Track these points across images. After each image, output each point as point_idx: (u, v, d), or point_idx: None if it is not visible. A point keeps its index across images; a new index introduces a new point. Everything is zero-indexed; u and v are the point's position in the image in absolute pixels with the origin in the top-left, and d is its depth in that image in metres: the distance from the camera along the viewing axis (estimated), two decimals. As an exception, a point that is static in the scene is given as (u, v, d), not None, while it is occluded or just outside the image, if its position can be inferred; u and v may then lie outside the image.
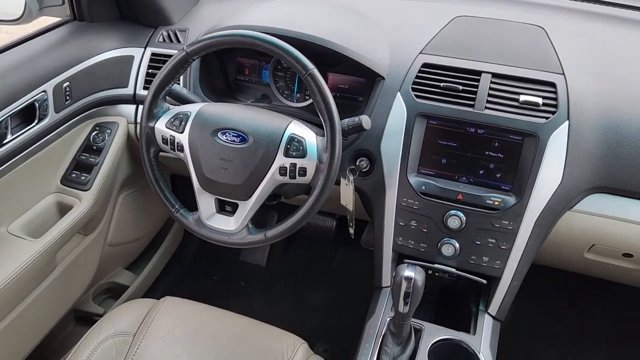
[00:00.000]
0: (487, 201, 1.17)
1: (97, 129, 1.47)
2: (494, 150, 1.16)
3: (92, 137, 1.46)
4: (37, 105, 1.27)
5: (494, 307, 1.25)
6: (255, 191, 1.09)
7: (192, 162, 1.12)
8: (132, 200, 1.68)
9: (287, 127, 1.08)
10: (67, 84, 1.34)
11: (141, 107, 1.34)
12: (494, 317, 1.25)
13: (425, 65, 1.22)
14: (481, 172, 1.18)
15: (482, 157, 1.17)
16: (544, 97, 1.14)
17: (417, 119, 1.19)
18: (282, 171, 1.07)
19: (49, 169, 1.39)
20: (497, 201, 1.16)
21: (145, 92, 1.40)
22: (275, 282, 2.10)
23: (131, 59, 1.47)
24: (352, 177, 1.22)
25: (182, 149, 1.13)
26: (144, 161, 1.17)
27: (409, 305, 1.03)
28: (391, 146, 1.21)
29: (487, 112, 1.15)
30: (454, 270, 1.24)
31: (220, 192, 1.12)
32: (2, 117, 1.18)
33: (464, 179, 1.20)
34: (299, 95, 1.39)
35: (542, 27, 1.29)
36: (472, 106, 1.16)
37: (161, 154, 1.18)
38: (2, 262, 1.20)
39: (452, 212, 1.18)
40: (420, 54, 1.25)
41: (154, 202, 1.79)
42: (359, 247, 2.01)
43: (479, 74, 1.19)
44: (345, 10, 1.44)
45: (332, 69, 1.34)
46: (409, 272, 1.02)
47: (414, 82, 1.21)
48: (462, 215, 1.18)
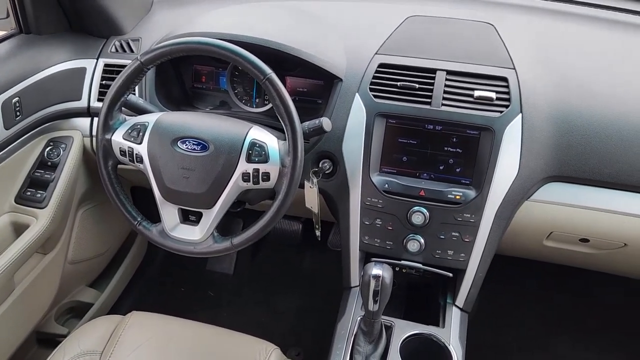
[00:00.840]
0: (449, 196, 1.19)
1: (51, 144, 1.43)
2: (453, 145, 1.19)
3: (46, 152, 1.41)
4: (-15, 123, 1.22)
5: (461, 299, 1.27)
6: (219, 199, 1.08)
7: (152, 173, 1.10)
8: (91, 215, 1.64)
9: (248, 132, 1.08)
10: (17, 99, 1.29)
11: (96, 119, 1.31)
12: (461, 309, 1.27)
13: (381, 65, 1.24)
14: (441, 167, 1.21)
15: (442, 153, 1.20)
16: (497, 92, 1.18)
17: (376, 119, 1.20)
18: (245, 177, 1.06)
19: (2, 188, 1.34)
20: (458, 195, 1.19)
21: (99, 104, 1.37)
22: (244, 290, 2.08)
23: (83, 71, 1.43)
24: (315, 180, 1.23)
25: (141, 160, 1.11)
26: (102, 175, 1.14)
27: (378, 303, 1.04)
28: (352, 147, 1.22)
29: (444, 108, 1.18)
30: (421, 265, 1.26)
31: (183, 202, 1.11)
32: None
33: (425, 175, 1.22)
34: (258, 100, 1.39)
35: (491, 24, 1.33)
36: (429, 104, 1.18)
37: (120, 166, 1.16)
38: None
39: (416, 208, 1.20)
40: (376, 54, 1.26)
41: (114, 216, 1.74)
42: (326, 249, 2.01)
43: (434, 72, 1.21)
44: (299, 13, 1.44)
45: (289, 73, 1.34)
46: (376, 271, 1.03)
47: (372, 83, 1.23)
48: (426, 211, 1.20)
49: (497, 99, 1.17)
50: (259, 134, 1.09)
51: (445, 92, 1.19)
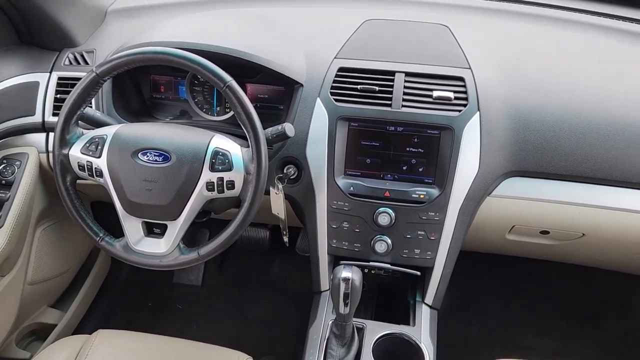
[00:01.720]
0: (413, 195, 1.21)
1: (5, 161, 1.38)
2: (414, 145, 1.21)
3: (-1, 171, 1.37)
4: None
5: (430, 297, 1.29)
6: (183, 210, 1.07)
7: (113, 186, 1.08)
8: (51, 233, 1.59)
9: (210, 141, 1.07)
10: (-34, 117, 1.24)
11: (52, 134, 1.27)
12: (430, 307, 1.29)
13: (341, 69, 1.25)
14: (404, 168, 1.22)
15: (404, 154, 1.21)
16: (455, 92, 1.20)
17: (338, 122, 1.21)
18: (210, 186, 1.05)
19: (-46, 210, 1.29)
20: (422, 194, 1.21)
21: (55, 119, 1.33)
22: (213, 300, 2.06)
23: (36, 85, 1.39)
24: (281, 186, 1.22)
25: (101, 174, 1.08)
26: (61, 191, 1.11)
27: (349, 305, 1.05)
28: (316, 151, 1.23)
29: (404, 110, 1.19)
30: (389, 265, 1.27)
31: (146, 215, 1.09)
32: None
33: (389, 176, 1.23)
34: (219, 108, 1.38)
35: (446, 26, 1.36)
36: (390, 105, 1.20)
37: (79, 181, 1.13)
38: None
39: (382, 209, 1.22)
40: (335, 58, 1.27)
41: (75, 233, 1.70)
42: (295, 255, 2.01)
43: (392, 74, 1.23)
44: (256, 20, 1.44)
45: (249, 80, 1.34)
46: (346, 273, 1.04)
47: (332, 87, 1.23)
48: (391, 211, 1.21)
49: (455, 98, 1.20)
50: (221, 142, 1.08)
51: (404, 93, 1.21)
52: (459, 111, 1.19)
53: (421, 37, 1.34)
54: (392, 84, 1.22)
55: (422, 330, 1.22)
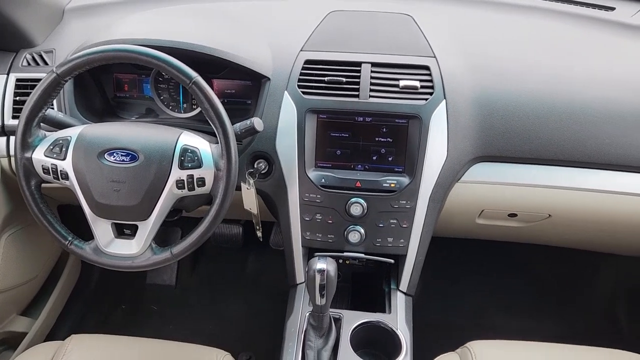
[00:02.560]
0: (384, 184, 1.22)
1: (-36, 168, 1.33)
2: (383, 135, 1.22)
3: (-41, 178, 1.32)
4: None
5: (404, 284, 1.31)
6: (154, 209, 1.05)
7: (80, 189, 1.06)
8: (17, 239, 1.55)
9: (178, 138, 1.05)
10: None
11: (13, 138, 1.23)
12: (405, 294, 1.31)
13: (307, 62, 1.25)
14: (374, 157, 1.23)
15: (373, 144, 1.22)
16: (421, 80, 1.21)
17: (307, 115, 1.21)
18: (180, 184, 1.04)
19: None
20: (393, 183, 1.22)
21: (15, 122, 1.29)
22: (189, 299, 2.04)
23: (-7, 87, 1.35)
24: (252, 181, 1.22)
25: (66, 177, 1.06)
26: (25, 195, 1.08)
27: (325, 296, 1.06)
28: (286, 144, 1.23)
29: (372, 100, 1.20)
30: (363, 255, 1.29)
31: (116, 216, 1.07)
32: None
33: (360, 166, 1.24)
34: (185, 105, 1.36)
35: (410, 16, 1.37)
36: (357, 96, 1.21)
37: (44, 185, 1.10)
38: None
39: (353, 199, 1.22)
40: (301, 51, 1.27)
41: (43, 238, 1.65)
42: (269, 249, 2.01)
43: (359, 64, 1.24)
44: (221, 15, 1.42)
45: (216, 76, 1.33)
46: (321, 265, 1.04)
47: (299, 80, 1.23)
48: (363, 201, 1.22)
49: (422, 87, 1.21)
50: (189, 139, 1.07)
51: (371, 83, 1.22)
52: (426, 99, 1.20)
53: (386, 27, 1.34)
54: (358, 74, 1.23)
55: (397, 317, 1.24)
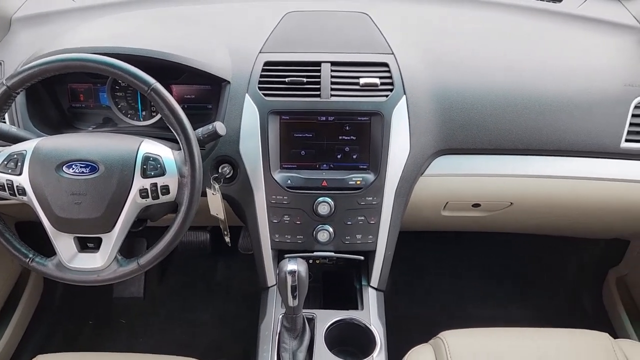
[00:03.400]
0: (350, 182, 1.23)
1: None
2: (346, 133, 1.22)
3: None
4: None
5: (375, 280, 1.32)
6: (117, 220, 1.03)
7: (38, 204, 1.02)
8: (-27, 260, 1.49)
9: (139, 147, 1.03)
10: None
11: (-37, 155, 1.18)
12: (376, 289, 1.32)
13: (267, 63, 1.24)
14: (339, 156, 1.24)
15: (337, 142, 1.23)
16: (380, 77, 1.23)
17: (270, 117, 1.21)
18: (143, 193, 1.02)
19: None
20: (359, 180, 1.23)
21: (-36, 138, 1.24)
22: (158, 310, 2.00)
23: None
24: (217, 186, 1.21)
25: (24, 193, 1.02)
26: (-20, 214, 1.04)
27: (297, 297, 1.06)
28: (250, 147, 1.22)
29: (333, 99, 1.21)
30: (333, 253, 1.29)
31: (78, 230, 1.04)
32: None
33: (325, 166, 1.25)
34: (144, 113, 1.34)
35: (366, 14, 1.38)
36: (319, 96, 1.21)
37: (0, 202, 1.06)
38: None
39: (320, 199, 1.23)
40: (260, 53, 1.27)
41: (2, 256, 1.59)
42: (238, 254, 1.99)
43: (319, 64, 1.24)
44: (175, 19, 1.41)
45: (174, 81, 1.30)
46: (291, 266, 1.04)
47: (260, 82, 1.23)
48: (330, 200, 1.23)
49: (382, 84, 1.22)
50: (151, 147, 1.05)
51: (332, 82, 1.22)
52: (386, 96, 1.21)
53: (343, 26, 1.35)
54: (319, 74, 1.23)
55: (370, 313, 1.25)
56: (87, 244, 1.06)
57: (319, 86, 1.22)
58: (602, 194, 1.35)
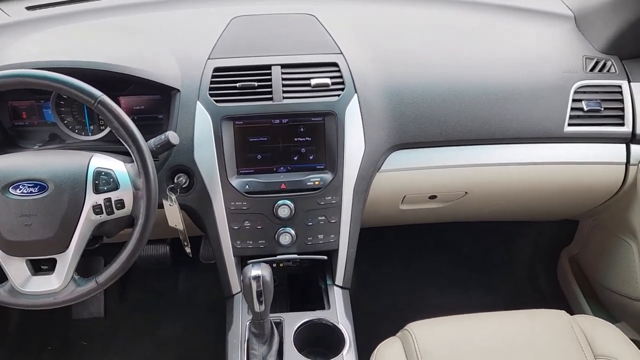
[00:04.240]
0: (308, 183, 1.23)
1: None
2: (301, 135, 1.23)
3: None
4: None
5: (340, 278, 1.33)
6: (71, 239, 1.00)
7: (-16, 228, 0.98)
8: None
9: (89, 162, 1.01)
10: None
11: None
12: (342, 287, 1.33)
13: (216, 69, 1.23)
14: (295, 158, 1.24)
15: (293, 144, 1.23)
16: (331, 77, 1.24)
17: (223, 123, 1.20)
18: (97, 209, 0.99)
19: None
20: (317, 181, 1.23)
21: None
22: (121, 328, 1.95)
23: None
24: (174, 196, 1.19)
25: (-33, 218, 0.98)
26: None
27: (263, 303, 1.05)
28: (205, 155, 1.20)
29: (286, 101, 1.21)
30: (296, 255, 1.29)
31: (30, 252, 1.00)
32: None
33: (282, 168, 1.25)
34: (92, 127, 1.30)
35: (312, 15, 1.39)
36: (271, 99, 1.21)
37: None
38: None
39: (280, 202, 1.23)
40: (208, 59, 1.25)
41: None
42: (200, 264, 1.96)
43: (269, 67, 1.24)
44: (118, 29, 1.37)
45: (122, 93, 1.27)
46: (255, 272, 1.04)
47: (210, 88, 1.21)
48: (290, 202, 1.23)
49: (333, 84, 1.23)
50: (102, 161, 1.02)
51: (284, 85, 1.22)
52: (338, 95, 1.22)
53: (291, 28, 1.36)
54: (270, 77, 1.23)
55: (337, 311, 1.25)
56: (41, 266, 1.03)
57: (270, 89, 1.22)
58: (550, 177, 1.40)
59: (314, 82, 1.22)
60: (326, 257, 1.31)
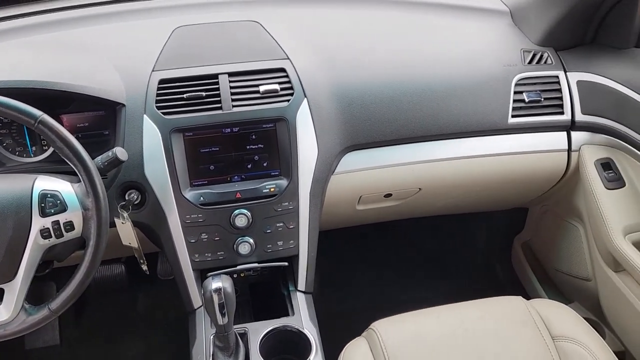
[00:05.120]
0: (264, 190, 1.22)
1: None
2: (253, 142, 1.22)
3: None
4: None
5: (302, 283, 1.33)
6: (19, 267, 0.95)
7: None
8: None
9: (33, 184, 0.96)
10: None
11: None
12: (305, 292, 1.33)
13: (162, 81, 1.21)
14: (249, 166, 1.23)
15: (246, 153, 1.22)
16: (279, 83, 1.24)
17: (172, 136, 1.17)
18: (45, 233, 0.96)
19: None
20: (272, 187, 1.23)
21: None
22: (79, 355, 1.87)
23: None
24: (126, 214, 1.16)
25: None
26: None
27: (226, 315, 1.04)
28: (156, 169, 1.18)
29: (235, 110, 1.20)
30: (257, 264, 1.28)
31: (-26, 284, 0.95)
32: None
33: (236, 177, 1.23)
34: (34, 148, 1.24)
35: (257, 22, 1.38)
36: (220, 108, 1.20)
37: None
38: None
39: (237, 212, 1.21)
40: (153, 71, 1.23)
41: None
42: (159, 281, 1.91)
43: (216, 77, 1.23)
44: (56, 45, 1.32)
45: (64, 111, 1.23)
46: (216, 284, 1.02)
47: (157, 101, 1.19)
48: (247, 211, 1.22)
49: (282, 89, 1.23)
50: (47, 183, 0.98)
51: (232, 93, 1.21)
52: (288, 101, 1.22)
53: (235, 36, 1.35)
54: (217, 86, 1.21)
55: (301, 317, 1.25)
56: (-12, 298, 0.98)
57: (219, 98, 1.20)
58: (498, 168, 1.45)
59: (262, 88, 1.22)
60: (287, 263, 1.31)
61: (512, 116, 1.39)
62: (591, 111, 1.41)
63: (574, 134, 1.44)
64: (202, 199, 1.20)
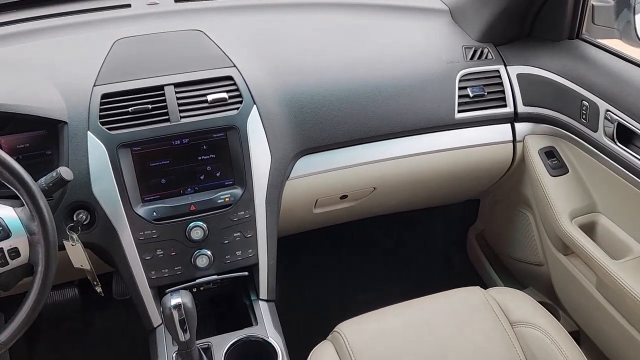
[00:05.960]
0: (218, 201, 1.20)
1: None
2: (205, 153, 1.20)
3: None
4: None
5: (263, 291, 1.31)
6: (-38, 300, 0.90)
7: None
8: None
9: (-28, 212, 0.91)
10: None
11: None
12: (267, 300, 1.32)
13: (105, 95, 1.17)
14: (202, 177, 1.21)
15: (198, 163, 1.20)
16: (228, 91, 1.22)
17: (120, 151, 1.14)
18: (-11, 263, 0.91)
19: None
20: (227, 197, 1.21)
21: None
22: (34, 386, 1.79)
23: None
24: (75, 235, 1.11)
25: None
26: None
27: (187, 331, 1.01)
28: (104, 187, 1.14)
29: (184, 121, 1.18)
30: (216, 276, 1.26)
31: None
32: None
33: (190, 189, 1.21)
34: (-30, 173, 1.18)
35: (200, 30, 1.36)
36: (168, 120, 1.17)
37: None
38: None
39: (192, 224, 1.19)
40: (95, 86, 1.19)
41: None
42: (115, 301, 1.85)
43: (161, 88, 1.20)
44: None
45: (1, 132, 1.17)
46: (175, 300, 0.99)
47: (101, 116, 1.15)
48: (202, 223, 1.19)
49: (230, 97, 1.22)
50: (-13, 209, 0.93)
51: (179, 104, 1.19)
52: (237, 109, 1.21)
53: (179, 46, 1.32)
54: (164, 98, 1.19)
55: (265, 325, 1.24)
56: None
57: (166, 110, 1.18)
58: (449, 162, 1.49)
59: (210, 97, 1.20)
60: (247, 273, 1.29)
61: (459, 111, 1.43)
62: (532, 102, 1.47)
63: (517, 125, 1.50)
64: (155, 214, 1.17)
